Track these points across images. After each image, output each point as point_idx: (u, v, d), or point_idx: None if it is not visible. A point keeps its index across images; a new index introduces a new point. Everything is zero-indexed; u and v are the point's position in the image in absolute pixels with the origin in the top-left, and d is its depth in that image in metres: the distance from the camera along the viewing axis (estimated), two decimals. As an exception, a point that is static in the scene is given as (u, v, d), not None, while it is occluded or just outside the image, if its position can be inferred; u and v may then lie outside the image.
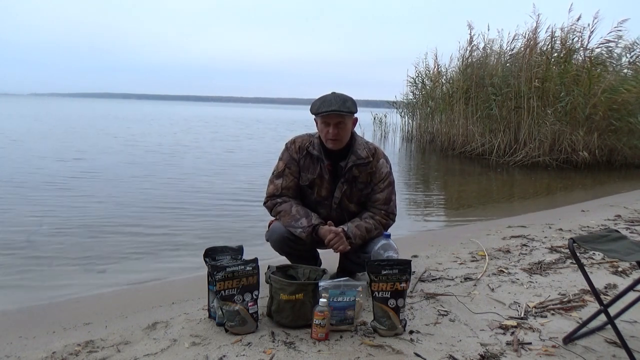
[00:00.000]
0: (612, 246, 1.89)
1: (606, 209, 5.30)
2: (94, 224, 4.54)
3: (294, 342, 1.91)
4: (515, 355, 1.86)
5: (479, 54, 12.72)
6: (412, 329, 2.05)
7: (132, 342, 1.96)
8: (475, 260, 3.22)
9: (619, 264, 3.02)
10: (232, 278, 1.94)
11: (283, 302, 2.02)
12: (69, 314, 2.52)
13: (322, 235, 2.34)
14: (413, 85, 15.70)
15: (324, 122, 2.35)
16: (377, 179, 2.48)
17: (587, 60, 10.52)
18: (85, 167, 8.19)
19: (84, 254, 3.66)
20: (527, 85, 10.59)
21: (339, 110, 2.28)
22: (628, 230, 4.12)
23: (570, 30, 10.66)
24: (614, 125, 10.18)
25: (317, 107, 2.34)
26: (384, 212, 2.48)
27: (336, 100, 2.32)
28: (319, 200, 2.50)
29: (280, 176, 2.49)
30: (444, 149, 12.95)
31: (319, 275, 2.17)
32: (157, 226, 4.58)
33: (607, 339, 1.99)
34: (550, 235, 3.96)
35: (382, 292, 1.98)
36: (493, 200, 6.91)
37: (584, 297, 2.46)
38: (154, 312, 2.39)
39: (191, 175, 7.80)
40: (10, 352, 1.95)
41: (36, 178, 6.89)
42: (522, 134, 10.67)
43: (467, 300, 2.44)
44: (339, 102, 2.31)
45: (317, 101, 2.37)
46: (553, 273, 2.92)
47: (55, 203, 5.38)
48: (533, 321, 2.18)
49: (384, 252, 2.24)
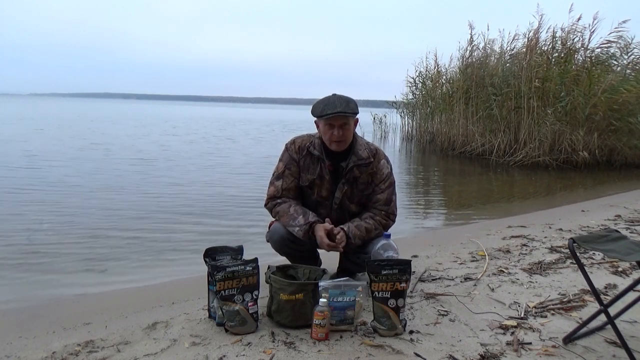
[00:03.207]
0: (612, 246, 1.89)
1: (606, 209, 5.30)
2: (94, 224, 4.54)
3: (294, 342, 1.91)
4: (515, 355, 1.86)
5: (479, 54, 12.75)
6: (412, 329, 2.05)
7: (132, 342, 1.96)
8: (475, 260, 3.22)
9: (619, 264, 3.02)
10: (232, 278, 1.94)
11: (283, 302, 2.02)
12: (69, 314, 2.52)
13: (317, 235, 2.31)
14: (413, 85, 15.73)
15: (328, 124, 2.33)
16: (378, 179, 2.48)
17: (587, 61, 10.53)
18: (85, 167, 8.20)
19: (84, 254, 3.66)
20: (527, 85, 10.59)
21: (343, 111, 2.28)
22: (628, 230, 4.12)
23: (571, 31, 10.69)
24: (614, 125, 10.18)
25: (320, 110, 2.32)
26: (385, 213, 2.48)
27: (340, 101, 2.31)
28: (319, 201, 2.49)
29: (280, 177, 2.48)
30: (444, 149, 12.96)
31: (319, 275, 2.17)
32: (158, 226, 4.58)
33: (607, 339, 1.98)
34: (550, 235, 3.95)
35: (382, 292, 1.98)
36: (493, 200, 6.91)
37: (584, 297, 2.46)
38: (154, 312, 2.39)
39: (191, 176, 7.81)
40: (10, 352, 1.95)
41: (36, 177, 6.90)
42: (522, 134, 10.67)
43: (467, 300, 2.44)
44: (343, 104, 2.30)
45: (319, 103, 2.35)
46: (553, 273, 2.92)
47: (56, 203, 5.38)
48: (533, 321, 2.18)
49: (384, 252, 2.24)
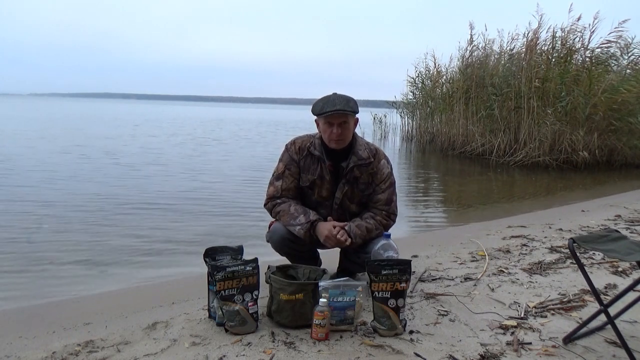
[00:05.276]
0: (612, 246, 1.89)
1: (606, 209, 5.30)
2: (94, 224, 4.54)
3: (294, 342, 1.91)
4: (515, 355, 1.86)
5: (479, 54, 12.75)
6: (412, 329, 2.05)
7: (132, 342, 1.96)
8: (475, 260, 3.22)
9: (619, 264, 3.02)
10: (232, 278, 1.94)
11: (283, 302, 2.02)
12: (69, 314, 2.51)
13: (319, 233, 2.33)
14: (413, 85, 15.73)
15: (328, 123, 2.34)
16: (379, 179, 2.48)
17: (587, 60, 10.52)
18: (86, 167, 8.20)
19: (84, 254, 3.66)
20: (527, 85, 10.59)
21: (343, 109, 2.28)
22: (628, 230, 4.12)
23: (571, 31, 10.69)
24: (614, 125, 10.18)
25: (320, 108, 2.33)
26: (385, 213, 2.48)
27: (339, 100, 2.31)
28: (319, 201, 2.49)
29: (280, 178, 2.48)
30: (444, 149, 12.96)
31: (319, 275, 2.17)
32: (158, 226, 4.58)
33: (607, 339, 1.98)
34: (550, 235, 3.95)
35: (382, 292, 1.98)
36: (493, 200, 6.91)
37: (584, 297, 2.46)
38: (154, 312, 2.39)
39: (191, 176, 7.81)
40: (10, 352, 1.95)
41: (36, 176, 6.90)
42: (522, 134, 10.67)
43: (467, 300, 2.44)
44: (343, 102, 2.30)
45: (319, 102, 2.36)
46: (553, 273, 2.92)
47: (56, 203, 5.38)
48: (533, 321, 2.18)
49: (384, 252, 2.24)
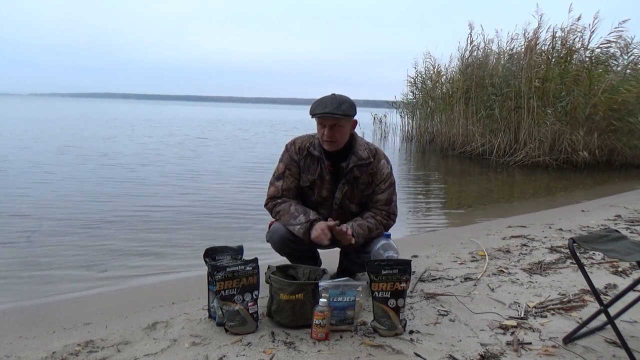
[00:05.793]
0: (612, 246, 1.89)
1: (606, 209, 5.30)
2: (94, 224, 4.54)
3: (294, 342, 1.91)
4: (515, 355, 1.86)
5: (479, 54, 12.75)
6: (412, 329, 2.05)
7: (132, 342, 1.96)
8: (475, 260, 3.22)
9: (619, 264, 3.02)
10: (232, 278, 1.94)
11: (283, 302, 2.02)
12: (69, 314, 2.51)
13: (312, 232, 2.30)
14: (413, 85, 15.73)
15: (320, 124, 2.37)
16: (379, 179, 2.48)
17: (587, 60, 10.52)
18: (86, 168, 8.20)
19: (84, 254, 3.66)
20: (527, 85, 10.59)
21: (332, 112, 2.27)
22: (628, 230, 4.12)
23: (571, 31, 10.69)
24: (614, 125, 10.18)
25: (313, 109, 2.36)
26: (385, 213, 2.48)
27: (332, 102, 2.31)
28: (319, 201, 2.50)
29: (280, 178, 2.49)
30: (444, 149, 12.95)
31: (319, 275, 2.17)
32: (158, 226, 4.58)
33: (607, 339, 1.98)
34: (550, 235, 3.95)
35: (382, 292, 1.98)
36: (493, 200, 6.90)
37: (584, 297, 2.47)
38: (154, 312, 2.39)
39: (191, 176, 7.80)
40: (10, 352, 1.95)
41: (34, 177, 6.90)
42: (522, 134, 10.67)
43: (467, 300, 2.44)
44: (335, 105, 2.30)
45: (315, 102, 2.39)
46: (553, 273, 2.92)
47: (56, 203, 5.38)
48: (533, 321, 2.18)
49: (384, 252, 2.24)
